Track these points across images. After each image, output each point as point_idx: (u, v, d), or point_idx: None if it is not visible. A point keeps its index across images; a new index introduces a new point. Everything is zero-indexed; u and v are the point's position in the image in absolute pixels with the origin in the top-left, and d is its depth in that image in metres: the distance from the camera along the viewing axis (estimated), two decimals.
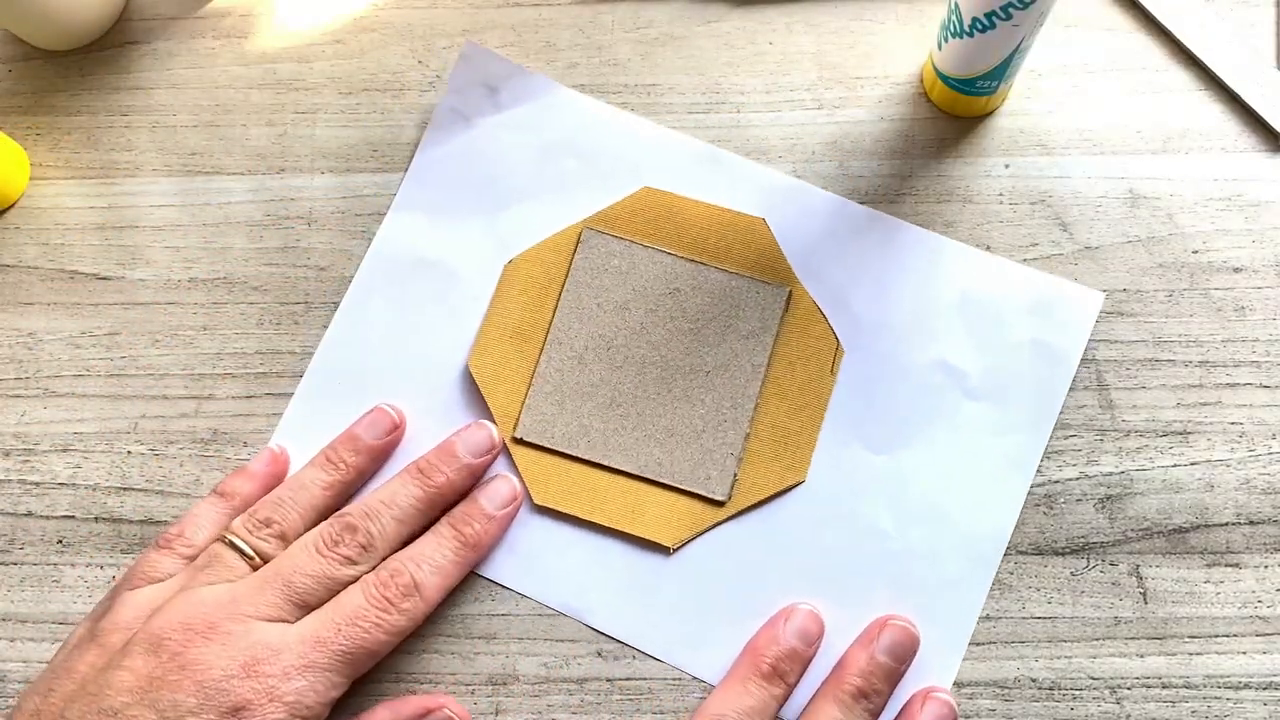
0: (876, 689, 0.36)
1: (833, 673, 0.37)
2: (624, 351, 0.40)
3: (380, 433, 0.39)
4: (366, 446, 0.39)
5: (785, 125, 0.43)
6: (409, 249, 0.42)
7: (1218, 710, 0.37)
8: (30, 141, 0.44)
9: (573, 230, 0.42)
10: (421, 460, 0.38)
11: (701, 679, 0.38)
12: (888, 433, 0.39)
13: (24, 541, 0.40)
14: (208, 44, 0.45)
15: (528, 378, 0.40)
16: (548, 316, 0.41)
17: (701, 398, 0.40)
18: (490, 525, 0.38)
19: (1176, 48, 0.43)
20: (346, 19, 0.45)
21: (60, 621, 0.40)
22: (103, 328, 0.42)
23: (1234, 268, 0.41)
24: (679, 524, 0.39)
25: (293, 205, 0.43)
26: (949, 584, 0.38)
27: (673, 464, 0.39)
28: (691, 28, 0.44)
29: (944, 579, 0.38)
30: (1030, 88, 0.43)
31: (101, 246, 0.43)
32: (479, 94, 0.44)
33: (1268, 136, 0.42)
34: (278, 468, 0.40)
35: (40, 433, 0.41)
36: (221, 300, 0.42)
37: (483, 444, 0.39)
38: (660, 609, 0.38)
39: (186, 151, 0.44)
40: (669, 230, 0.41)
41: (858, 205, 0.42)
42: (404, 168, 0.43)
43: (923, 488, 0.39)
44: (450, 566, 0.37)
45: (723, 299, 0.41)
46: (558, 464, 0.39)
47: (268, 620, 0.34)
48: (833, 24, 0.44)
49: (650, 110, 0.43)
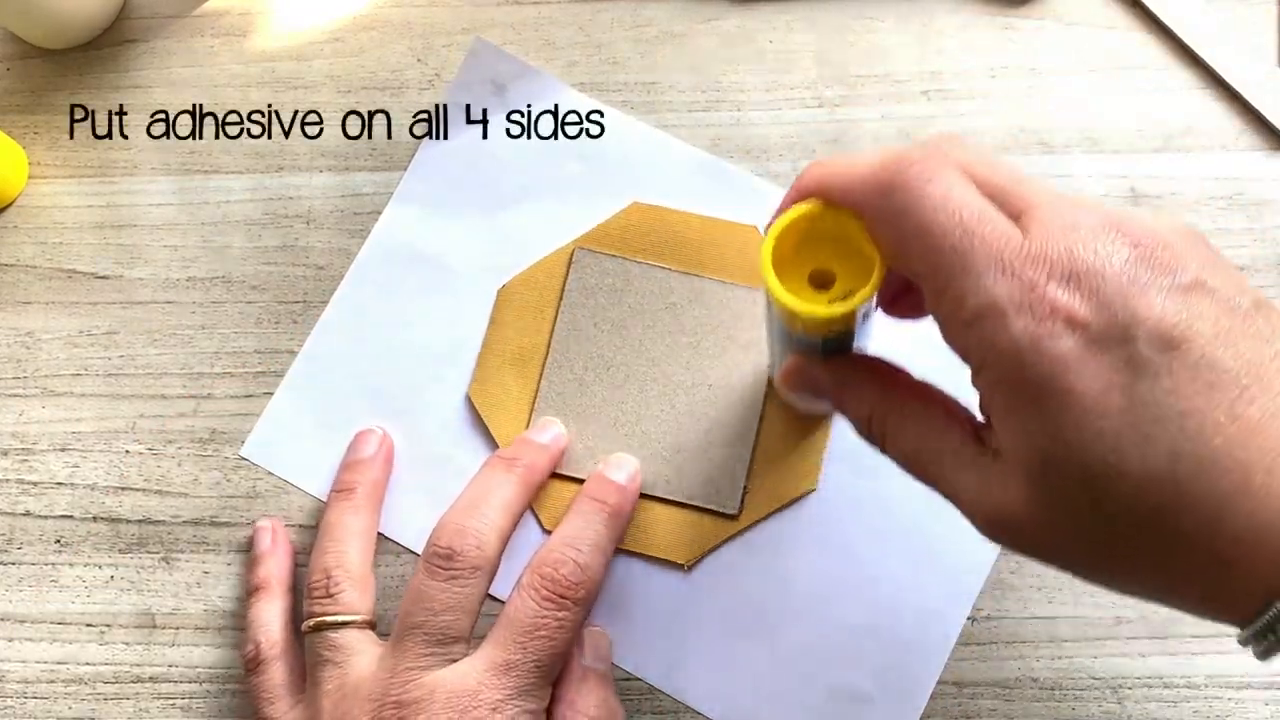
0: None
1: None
2: (624, 370, 0.40)
3: (374, 442, 0.39)
4: (369, 458, 0.39)
5: (785, 123, 0.43)
6: (407, 242, 0.42)
7: (1219, 710, 0.37)
8: (28, 140, 0.44)
9: (564, 251, 0.41)
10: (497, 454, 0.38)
11: (702, 713, 0.38)
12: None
13: (22, 541, 0.40)
14: (206, 42, 0.45)
15: (529, 403, 0.40)
16: (545, 340, 0.41)
17: (705, 412, 0.40)
18: (624, 496, 0.37)
19: (1178, 46, 0.43)
20: (345, 17, 0.45)
21: (58, 621, 0.39)
22: (101, 327, 0.42)
23: (1236, 267, 0.41)
24: (692, 541, 0.39)
25: (291, 204, 0.43)
26: (928, 613, 0.38)
27: (681, 481, 0.39)
28: (691, 25, 0.44)
29: (922, 607, 0.38)
30: (1031, 86, 0.43)
31: (100, 245, 0.43)
32: (486, 90, 0.43)
33: (1269, 135, 0.42)
34: (283, 539, 0.39)
35: (38, 432, 0.41)
36: (220, 299, 0.42)
37: (548, 426, 0.39)
38: (671, 630, 0.38)
39: (185, 150, 0.44)
40: (661, 244, 0.41)
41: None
42: (403, 166, 0.43)
43: (913, 508, 0.38)
44: (605, 541, 0.36)
45: (720, 310, 0.40)
46: (565, 488, 0.39)
47: (432, 669, 0.33)
48: (833, 22, 0.44)
49: (650, 109, 0.43)
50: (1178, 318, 0.23)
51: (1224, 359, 0.23)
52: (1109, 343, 0.23)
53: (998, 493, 0.25)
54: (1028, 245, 0.24)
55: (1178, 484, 0.22)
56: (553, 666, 0.34)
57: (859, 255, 0.27)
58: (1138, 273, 0.23)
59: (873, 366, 0.31)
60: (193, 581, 0.40)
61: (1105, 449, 0.23)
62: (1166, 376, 0.23)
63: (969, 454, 0.26)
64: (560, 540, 0.36)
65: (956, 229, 0.24)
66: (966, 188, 0.25)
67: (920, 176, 0.25)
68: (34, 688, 0.39)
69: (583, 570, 0.35)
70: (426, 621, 0.34)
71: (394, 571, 0.39)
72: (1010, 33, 0.43)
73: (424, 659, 0.33)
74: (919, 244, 0.25)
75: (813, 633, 0.38)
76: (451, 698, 0.32)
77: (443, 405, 0.41)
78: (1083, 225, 0.24)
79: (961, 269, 0.24)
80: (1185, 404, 0.22)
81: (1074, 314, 0.23)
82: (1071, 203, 0.25)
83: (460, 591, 0.34)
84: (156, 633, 0.39)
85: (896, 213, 0.25)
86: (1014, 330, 0.23)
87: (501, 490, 0.36)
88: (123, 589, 0.40)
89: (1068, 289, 0.23)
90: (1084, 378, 0.23)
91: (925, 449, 0.28)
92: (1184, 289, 0.23)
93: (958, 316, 0.24)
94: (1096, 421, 0.23)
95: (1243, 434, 0.22)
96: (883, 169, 0.26)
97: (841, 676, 0.37)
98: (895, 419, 0.29)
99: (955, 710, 0.37)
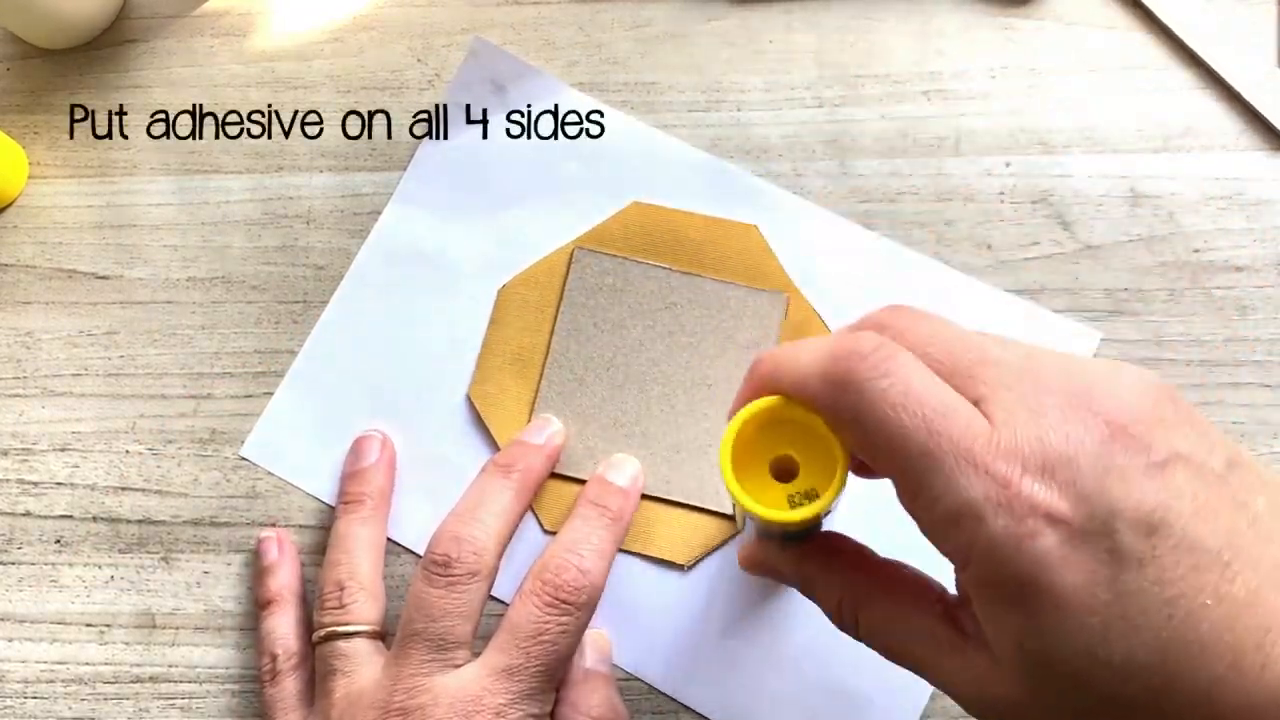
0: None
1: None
2: (624, 370, 0.40)
3: (376, 449, 0.39)
4: (373, 465, 0.39)
5: (785, 123, 0.43)
6: (407, 242, 0.42)
7: None
8: (28, 140, 0.44)
9: (564, 250, 0.41)
10: (493, 459, 0.38)
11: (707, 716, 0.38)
12: None
13: (22, 541, 0.40)
14: (206, 42, 0.45)
15: (529, 403, 0.40)
16: (545, 340, 0.41)
17: (706, 411, 0.40)
18: (626, 500, 0.38)
19: (1178, 46, 0.43)
20: (345, 17, 0.45)
21: (58, 621, 0.39)
22: (101, 327, 0.42)
23: (1236, 267, 0.41)
24: (692, 541, 0.39)
25: (291, 204, 0.43)
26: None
27: (681, 481, 0.39)
28: (691, 25, 0.44)
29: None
30: (1031, 86, 0.43)
31: (99, 245, 0.43)
32: (486, 90, 0.43)
33: (1269, 135, 0.42)
34: (290, 548, 0.39)
35: (38, 432, 0.41)
36: (220, 299, 0.42)
37: (543, 426, 0.39)
38: (673, 632, 0.38)
39: (185, 150, 0.44)
40: (661, 243, 0.41)
41: (858, 226, 0.41)
42: (403, 166, 0.43)
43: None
44: (607, 546, 0.36)
45: (720, 309, 0.40)
46: (565, 488, 0.39)
47: (434, 675, 0.33)
48: (833, 21, 0.44)
49: (650, 109, 0.43)
50: (1156, 500, 0.22)
51: (1205, 537, 0.22)
52: (1090, 536, 0.22)
53: (985, 680, 0.25)
54: (997, 438, 0.23)
55: (1167, 671, 0.22)
56: (556, 671, 0.34)
57: (822, 442, 0.26)
58: (1113, 458, 0.23)
59: (836, 550, 0.30)
60: (193, 581, 0.40)
61: (1092, 642, 0.22)
62: (1151, 565, 0.22)
63: (948, 641, 0.26)
64: (562, 545, 0.36)
65: (920, 429, 0.23)
66: (925, 377, 0.24)
67: (875, 372, 0.24)
68: (34, 688, 0.39)
69: (585, 575, 0.35)
70: (427, 628, 0.34)
71: (393, 571, 0.39)
72: (1010, 33, 0.43)
73: (426, 665, 0.33)
74: (883, 445, 0.24)
75: (813, 633, 0.38)
76: (455, 703, 0.32)
77: (443, 405, 0.41)
78: (1048, 409, 0.23)
79: (931, 470, 0.23)
80: (1170, 590, 0.22)
81: (1052, 510, 0.22)
82: (1034, 378, 0.24)
83: (459, 598, 0.34)
84: (156, 633, 0.39)
85: (854, 412, 0.24)
86: (993, 531, 0.22)
87: (498, 496, 0.36)
88: (123, 589, 0.40)
89: (1043, 483, 0.22)
90: (1067, 574, 0.22)
91: (901, 638, 0.27)
92: (1159, 466, 0.23)
93: (933, 517, 0.24)
94: (1082, 618, 0.22)
95: (1229, 615, 0.22)
96: (833, 363, 0.25)
97: (841, 676, 0.37)
98: (865, 608, 0.28)
99: (955, 710, 0.37)
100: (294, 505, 0.40)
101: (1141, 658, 0.22)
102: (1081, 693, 0.23)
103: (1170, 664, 0.22)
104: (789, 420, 0.27)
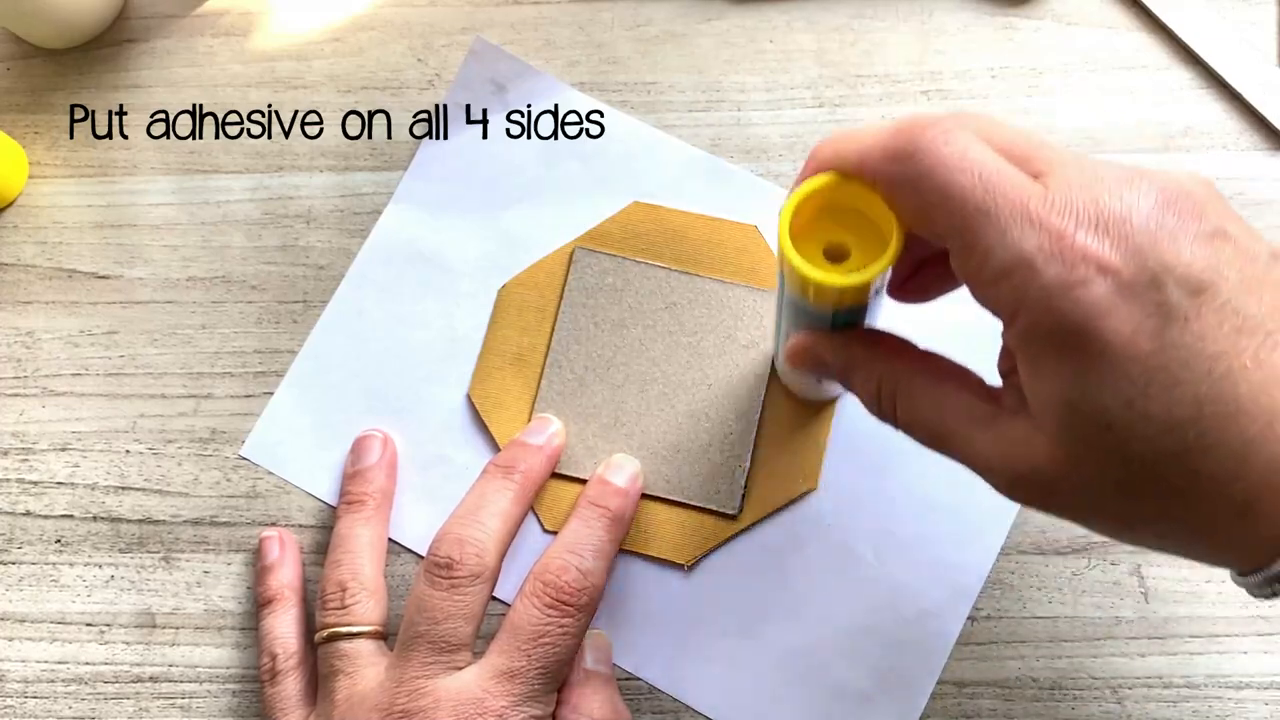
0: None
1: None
2: (624, 370, 0.40)
3: (377, 448, 0.39)
4: (374, 465, 0.39)
5: (785, 123, 0.43)
6: (407, 242, 0.42)
7: (1219, 710, 0.37)
8: (28, 140, 0.44)
9: (564, 250, 0.41)
10: (493, 461, 0.38)
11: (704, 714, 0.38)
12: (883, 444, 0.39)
13: (22, 541, 0.40)
14: (206, 42, 0.45)
15: (529, 403, 0.40)
16: (545, 339, 0.41)
17: (706, 411, 0.40)
18: (626, 500, 0.37)
19: (1178, 46, 0.43)
20: (345, 17, 0.45)
21: (58, 621, 0.39)
22: (101, 326, 0.42)
23: None
24: (692, 541, 0.39)
25: (291, 204, 0.43)
26: (927, 614, 0.38)
27: (681, 481, 0.39)
28: (691, 25, 0.44)
29: (921, 608, 0.38)
30: (1031, 86, 0.43)
31: (99, 245, 0.43)
32: (486, 90, 0.43)
33: (1269, 135, 0.42)
34: (291, 547, 0.39)
35: (38, 432, 0.41)
36: (220, 299, 0.42)
37: (543, 427, 0.39)
38: (674, 630, 0.38)
39: (185, 150, 0.44)
40: (661, 243, 0.41)
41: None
42: (403, 166, 0.43)
43: (913, 508, 0.38)
44: (607, 547, 0.36)
45: (720, 309, 0.40)
46: (565, 488, 0.39)
47: (436, 677, 0.33)
48: (833, 21, 0.44)
49: (650, 109, 0.43)
50: (1206, 263, 0.23)
51: (1249, 305, 0.23)
52: (1140, 288, 0.23)
53: (1019, 448, 0.25)
54: (1052, 197, 0.24)
55: (1202, 429, 0.23)
56: (557, 673, 0.34)
57: (874, 229, 0.27)
58: (1165, 219, 0.23)
59: (879, 339, 0.31)
60: (193, 581, 0.40)
61: (1133, 393, 0.23)
62: (1195, 321, 0.23)
63: (984, 414, 0.26)
64: (562, 546, 0.36)
65: (978, 187, 0.24)
66: (983, 148, 0.25)
67: (937, 140, 0.25)
68: (34, 688, 0.39)
69: (585, 577, 0.35)
70: (429, 631, 0.34)
71: (393, 571, 0.39)
72: (1010, 33, 0.43)
73: (428, 667, 0.33)
74: (941, 206, 0.25)
75: (813, 633, 0.38)
76: (457, 705, 0.32)
77: (443, 405, 0.41)
78: (1105, 177, 0.24)
79: (987, 225, 0.24)
80: (1213, 348, 0.23)
81: (1105, 261, 0.23)
82: (1091, 160, 0.25)
83: (461, 600, 0.34)
84: (156, 632, 0.39)
85: (915, 177, 0.25)
86: (1045, 279, 0.23)
87: (499, 498, 0.36)
88: (123, 589, 0.40)
89: (1096, 236, 0.23)
90: (1114, 322, 0.23)
91: (938, 414, 0.28)
92: (1209, 236, 0.23)
93: (986, 272, 0.24)
94: (1126, 367, 0.23)
95: (1268, 380, 0.22)
96: (897, 135, 0.26)
97: (841, 676, 0.37)
98: (905, 388, 0.28)
99: (955, 710, 0.37)
100: (294, 505, 0.40)
101: (1179, 413, 0.23)
102: (1117, 453, 0.23)
103: (1206, 420, 0.23)
104: (841, 208, 0.28)
